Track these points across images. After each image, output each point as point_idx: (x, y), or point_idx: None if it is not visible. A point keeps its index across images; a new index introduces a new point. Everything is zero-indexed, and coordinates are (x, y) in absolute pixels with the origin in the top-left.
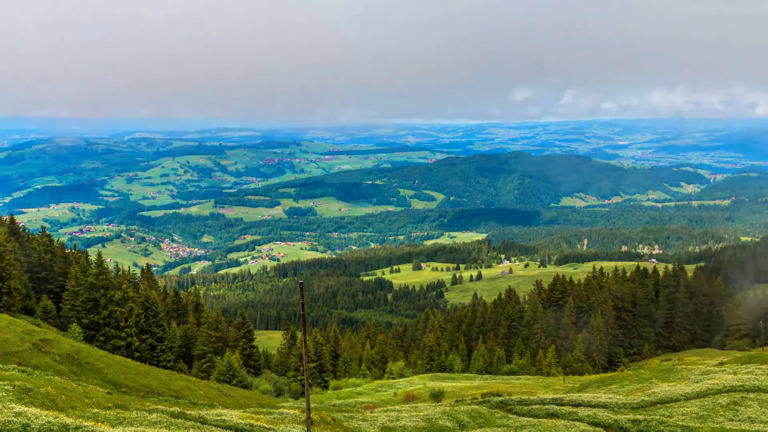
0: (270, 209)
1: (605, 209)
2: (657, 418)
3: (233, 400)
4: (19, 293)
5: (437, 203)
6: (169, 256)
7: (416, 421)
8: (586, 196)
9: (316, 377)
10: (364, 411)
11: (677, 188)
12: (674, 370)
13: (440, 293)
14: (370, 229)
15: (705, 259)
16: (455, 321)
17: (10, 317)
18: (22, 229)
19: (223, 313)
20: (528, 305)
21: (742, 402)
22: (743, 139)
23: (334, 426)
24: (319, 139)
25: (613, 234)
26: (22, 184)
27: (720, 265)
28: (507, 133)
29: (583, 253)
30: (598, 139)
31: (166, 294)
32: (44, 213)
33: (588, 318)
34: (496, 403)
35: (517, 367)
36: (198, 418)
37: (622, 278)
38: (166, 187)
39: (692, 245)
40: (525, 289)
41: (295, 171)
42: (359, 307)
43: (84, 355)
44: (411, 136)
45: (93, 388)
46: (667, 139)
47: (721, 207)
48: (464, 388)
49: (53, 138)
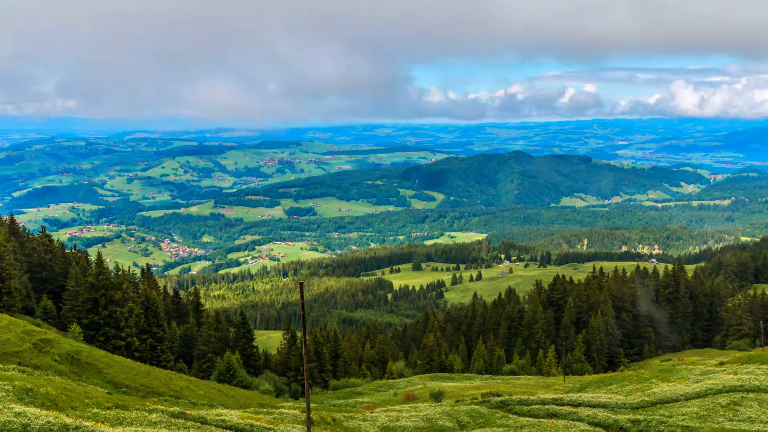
0: (270, 209)
1: (605, 209)
2: (657, 418)
3: (233, 400)
4: (19, 293)
5: (437, 203)
6: (169, 256)
7: (416, 421)
8: (586, 196)
9: (316, 377)
10: (364, 411)
11: (677, 188)
12: (674, 370)
13: (440, 293)
14: (370, 229)
15: (705, 259)
16: (455, 321)
17: (10, 317)
18: (22, 229)
19: (223, 313)
20: (528, 305)
21: (742, 402)
22: (743, 139)
23: (334, 426)
24: (319, 139)
25: (613, 234)
26: (22, 184)
27: (720, 265)
28: (507, 133)
29: (583, 253)
30: (598, 139)
31: (166, 294)
32: (44, 213)
33: (588, 318)
34: (496, 403)
35: (517, 367)
36: (198, 418)
37: (622, 278)
38: (166, 187)
39: (692, 245)
40: (525, 289)
41: (295, 171)
42: (359, 307)
43: (84, 355)
44: (411, 136)
45: (93, 388)
46: (667, 139)
47: (721, 207)
48: (464, 388)
49: (53, 138)
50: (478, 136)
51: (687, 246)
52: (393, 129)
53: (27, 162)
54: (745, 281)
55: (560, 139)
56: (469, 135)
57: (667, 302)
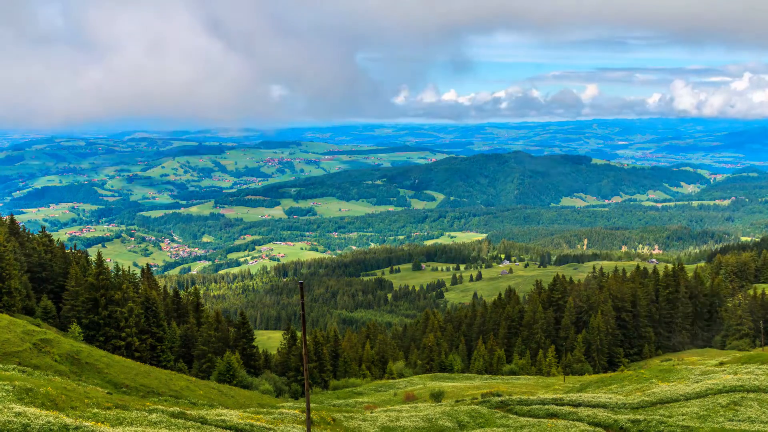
0: (270, 209)
1: (605, 209)
2: (657, 418)
3: (233, 400)
4: (19, 293)
5: (437, 203)
6: (169, 256)
7: (416, 421)
8: (586, 196)
9: (316, 377)
10: (364, 411)
11: (677, 188)
12: (674, 370)
13: (440, 293)
14: (370, 229)
15: (705, 259)
16: (455, 321)
17: (10, 317)
18: (22, 229)
19: (223, 313)
20: (528, 305)
21: (742, 402)
22: (743, 139)
23: (334, 426)
24: (319, 139)
25: (613, 234)
26: (22, 184)
27: (720, 265)
28: (507, 133)
29: (583, 253)
30: (598, 139)
31: (166, 294)
32: (44, 213)
33: (588, 318)
34: (496, 403)
35: (517, 367)
36: (198, 418)
37: (622, 278)
38: (166, 187)
39: (692, 245)
40: (525, 289)
41: (295, 171)
42: (359, 307)
43: (84, 355)
44: (411, 136)
45: (93, 388)
46: (667, 139)
47: (721, 207)
48: (464, 388)
49: (53, 138)
50: (478, 136)
51: (687, 246)
52: (393, 129)
53: (27, 162)
54: (745, 281)
55: (560, 139)
56: (469, 135)
57: (667, 302)
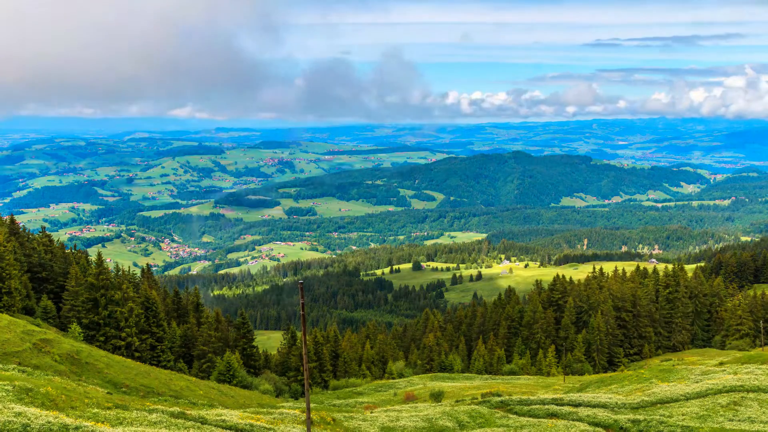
0: (270, 209)
1: (605, 209)
2: (657, 418)
3: (233, 400)
4: (19, 293)
5: (437, 203)
6: (169, 256)
7: (416, 421)
8: (586, 196)
9: (316, 377)
10: (364, 411)
11: (677, 188)
12: (674, 370)
13: (440, 293)
14: (370, 229)
15: (705, 259)
16: (455, 321)
17: (10, 317)
18: (22, 229)
19: (223, 313)
20: (528, 305)
21: (742, 402)
22: (743, 139)
23: (334, 426)
24: (319, 139)
25: (613, 234)
26: (22, 184)
27: (720, 265)
28: (507, 133)
29: (583, 253)
30: (598, 139)
31: (166, 294)
32: (44, 213)
33: (588, 318)
34: (496, 403)
35: (517, 367)
36: (198, 418)
37: (622, 278)
38: (166, 187)
39: (692, 245)
40: (525, 289)
41: (295, 171)
42: (359, 307)
43: (84, 355)
44: (411, 136)
45: (93, 388)
46: (667, 139)
47: (721, 207)
48: (464, 388)
49: (53, 138)
50: (478, 136)
51: (687, 246)
52: (393, 129)
53: (27, 162)
54: (745, 281)
55: (560, 139)
56: (469, 135)
57: (667, 302)
